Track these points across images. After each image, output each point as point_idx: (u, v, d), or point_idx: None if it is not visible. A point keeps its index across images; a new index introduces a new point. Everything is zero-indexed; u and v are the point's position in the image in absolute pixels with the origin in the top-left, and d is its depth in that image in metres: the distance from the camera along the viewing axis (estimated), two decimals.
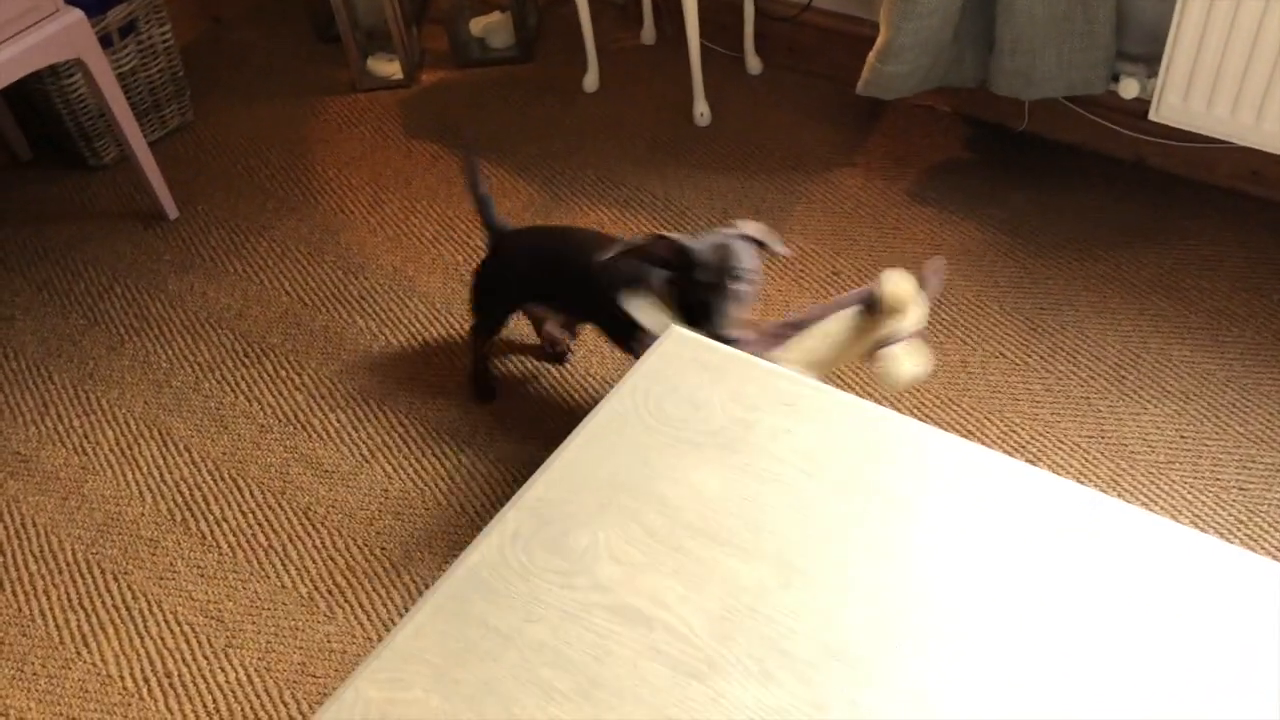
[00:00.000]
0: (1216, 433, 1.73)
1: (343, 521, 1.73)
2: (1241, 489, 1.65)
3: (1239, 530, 1.60)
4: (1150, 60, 2.03)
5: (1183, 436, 1.73)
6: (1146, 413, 1.77)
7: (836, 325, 1.51)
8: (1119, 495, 1.66)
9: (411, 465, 1.81)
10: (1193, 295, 1.96)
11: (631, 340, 1.61)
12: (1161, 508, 1.64)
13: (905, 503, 0.99)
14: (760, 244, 1.53)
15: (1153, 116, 1.98)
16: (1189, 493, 1.66)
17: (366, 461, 1.82)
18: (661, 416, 1.09)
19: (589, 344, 1.99)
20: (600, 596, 0.94)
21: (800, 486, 1.02)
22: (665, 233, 1.54)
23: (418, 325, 2.06)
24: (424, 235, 2.26)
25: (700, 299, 1.48)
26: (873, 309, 1.50)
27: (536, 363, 1.97)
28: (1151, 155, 2.21)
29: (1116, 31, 2.02)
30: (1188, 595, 0.90)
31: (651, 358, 1.15)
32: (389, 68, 2.73)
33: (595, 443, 1.07)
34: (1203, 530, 1.61)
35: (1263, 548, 1.58)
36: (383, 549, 1.69)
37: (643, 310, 1.55)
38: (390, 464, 1.81)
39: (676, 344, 1.16)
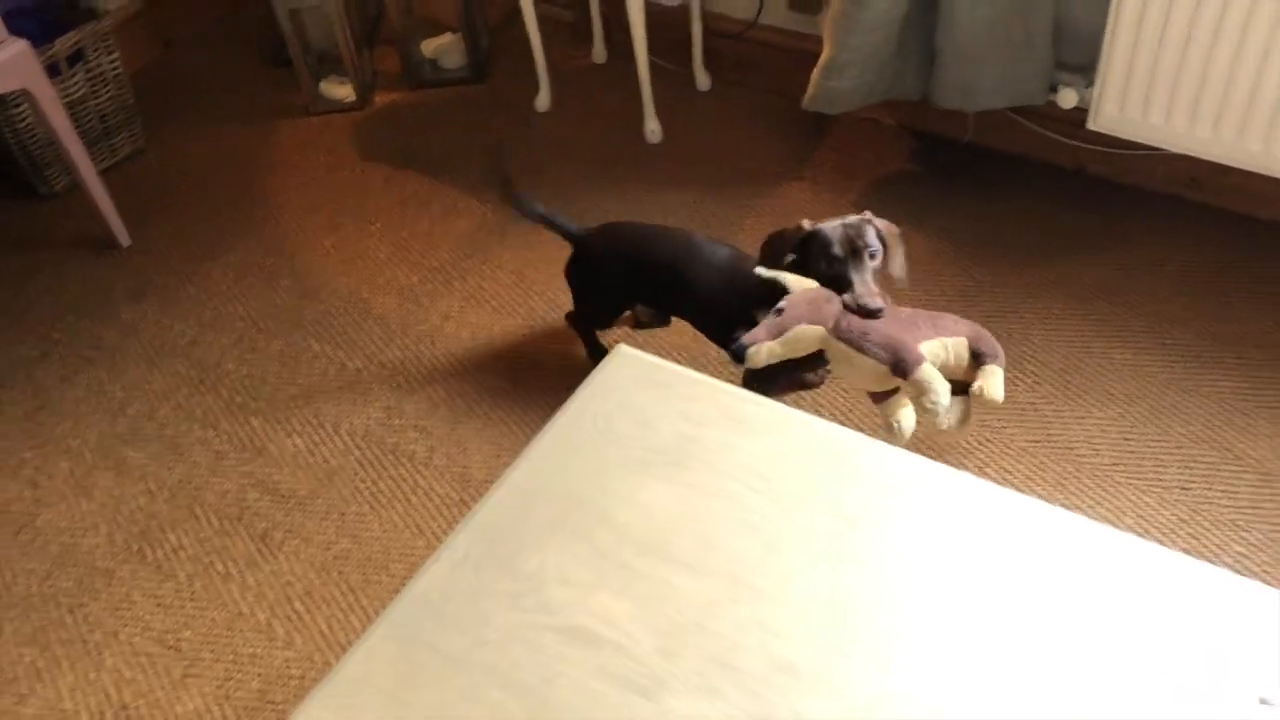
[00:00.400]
0: (1159, 434, 1.77)
1: (300, 546, 1.73)
2: (1184, 489, 1.69)
3: (1181, 529, 1.64)
4: (1088, 70, 2.08)
5: (1126, 439, 1.77)
6: (1091, 416, 1.81)
7: (955, 346, 1.57)
8: (1065, 498, 1.69)
9: (369, 487, 1.81)
10: (1135, 300, 2.00)
11: (730, 339, 1.68)
12: (1107, 509, 1.68)
13: (852, 515, 1.01)
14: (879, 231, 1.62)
15: (1091, 125, 2.02)
16: (1133, 494, 1.69)
17: (323, 485, 1.82)
18: (610, 435, 1.10)
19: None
20: (549, 617, 0.95)
21: (748, 501, 1.03)
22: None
23: (374, 347, 2.06)
24: (378, 257, 2.27)
25: (835, 273, 1.58)
26: (980, 360, 1.56)
27: (496, 384, 1.97)
28: (1093, 163, 2.26)
29: (1054, 43, 2.06)
30: (1130, 600, 0.93)
31: (599, 376, 1.17)
32: (341, 90, 2.74)
33: (544, 463, 1.08)
34: (1146, 530, 1.64)
35: (1205, 546, 1.62)
36: (340, 573, 1.69)
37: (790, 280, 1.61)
38: (347, 487, 1.82)
39: (625, 363, 1.18)
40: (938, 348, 1.54)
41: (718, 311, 1.77)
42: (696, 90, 2.64)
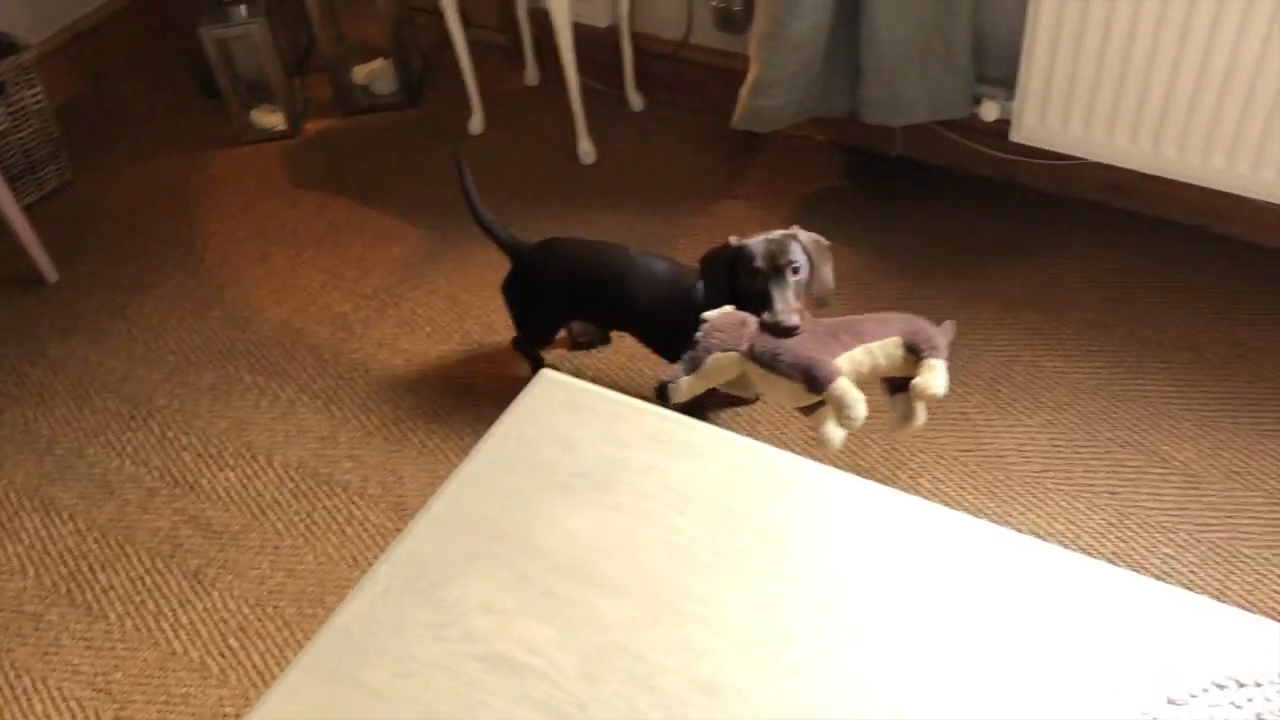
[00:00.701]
0: (1088, 439, 1.80)
1: (234, 582, 1.71)
2: (1112, 493, 1.72)
3: (1110, 533, 1.67)
4: (1009, 83, 2.11)
5: (1055, 445, 1.80)
6: (1021, 424, 1.83)
7: (882, 349, 1.56)
8: (997, 506, 1.72)
9: (303, 520, 1.79)
10: (1062, 308, 2.03)
11: (676, 352, 1.70)
12: (1038, 515, 1.70)
13: (776, 534, 1.02)
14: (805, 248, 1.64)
15: (1013, 137, 2.06)
16: (1063, 499, 1.72)
17: (257, 519, 1.80)
18: (533, 460, 1.10)
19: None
20: (471, 647, 0.94)
21: (670, 522, 1.03)
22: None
23: (306, 376, 2.05)
24: (311, 285, 2.25)
25: (757, 289, 1.59)
26: (916, 353, 1.56)
27: (431, 410, 1.96)
28: (1019, 174, 2.30)
29: (975, 57, 2.10)
30: (1047, 607, 0.94)
31: (522, 402, 1.17)
32: (272, 119, 2.72)
33: (466, 491, 1.08)
34: (1076, 535, 1.67)
35: (1133, 549, 1.64)
36: (275, 607, 1.67)
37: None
38: (281, 520, 1.80)
39: (548, 388, 1.18)
40: (860, 355, 1.54)
41: (660, 324, 1.79)
42: (630, 110, 2.65)
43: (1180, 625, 0.91)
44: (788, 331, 1.54)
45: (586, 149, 2.50)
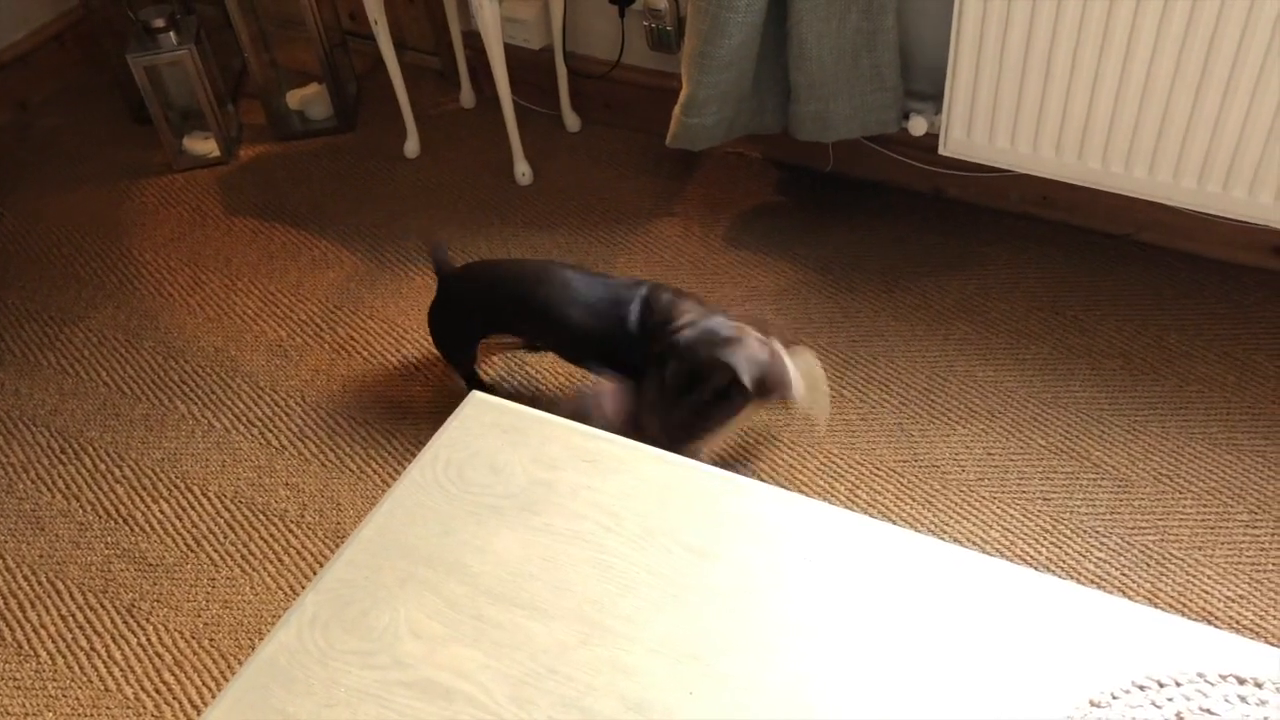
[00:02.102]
0: (1021, 447, 1.82)
1: (168, 615, 1.68)
2: (1045, 499, 1.74)
3: (1044, 538, 1.69)
4: (936, 98, 2.15)
5: (990, 453, 1.82)
6: (955, 433, 1.86)
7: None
8: (933, 515, 1.73)
9: (238, 550, 1.77)
10: (994, 317, 2.06)
11: (599, 365, 1.78)
12: (973, 523, 1.72)
13: (704, 549, 1.02)
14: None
15: (942, 151, 2.09)
16: (998, 507, 1.74)
17: (192, 550, 1.77)
18: (462, 484, 1.09)
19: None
20: (400, 674, 0.94)
21: (600, 541, 1.03)
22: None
23: (241, 405, 2.02)
24: (246, 313, 2.23)
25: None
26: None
27: (369, 435, 1.95)
28: (949, 187, 2.33)
29: (903, 72, 2.13)
30: (974, 614, 0.95)
31: (450, 426, 1.16)
32: (205, 146, 2.69)
33: (395, 517, 1.07)
34: (1011, 542, 1.69)
35: (1067, 554, 1.67)
36: (211, 640, 1.64)
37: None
38: (216, 551, 1.77)
39: (476, 410, 1.18)
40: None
41: (589, 341, 1.79)
42: (566, 131, 2.66)
43: (1101, 627, 0.93)
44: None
45: (523, 170, 2.51)
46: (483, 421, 1.16)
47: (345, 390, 2.03)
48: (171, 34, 2.53)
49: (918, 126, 2.14)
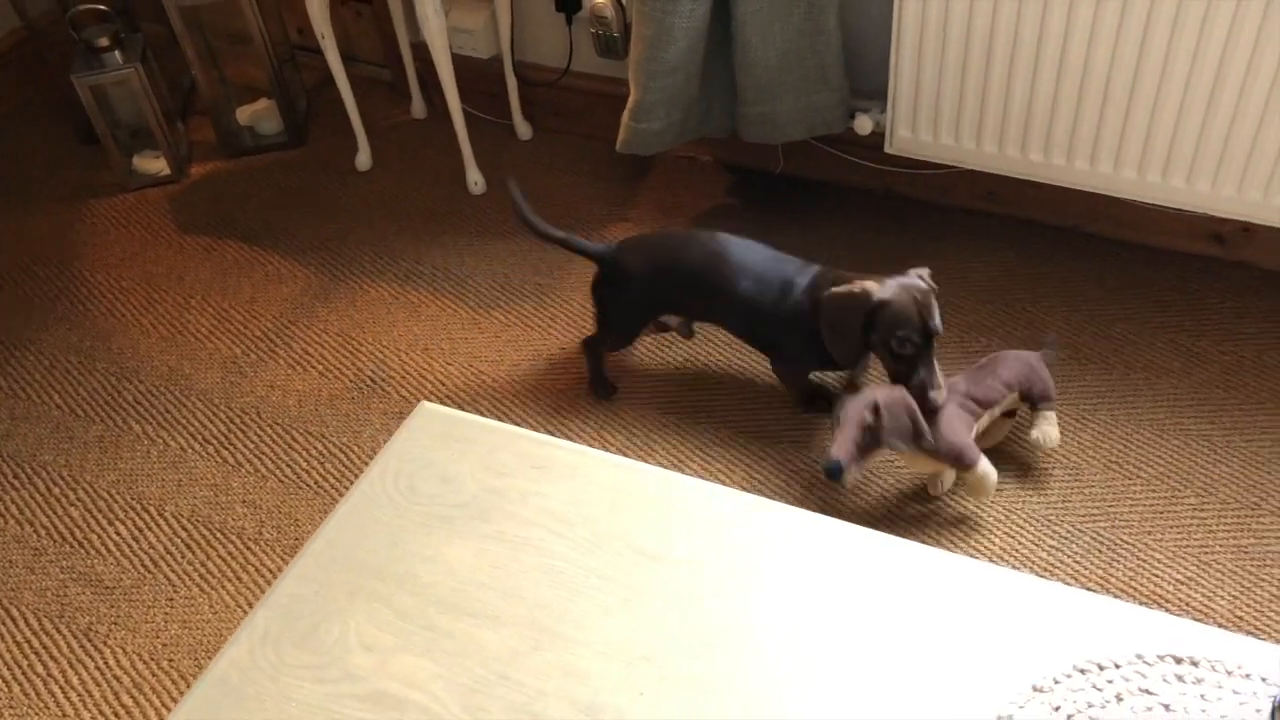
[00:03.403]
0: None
1: (127, 638, 1.67)
2: (998, 490, 1.76)
3: (998, 528, 1.71)
4: (881, 97, 2.17)
5: None
6: None
7: (1001, 407, 1.72)
8: (886, 510, 1.75)
9: (196, 569, 1.76)
10: (944, 313, 2.09)
11: (766, 343, 1.83)
12: (930, 520, 1.74)
13: (654, 551, 1.03)
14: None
15: (888, 149, 2.11)
16: (953, 499, 1.76)
17: (149, 571, 1.76)
18: (412, 495, 1.10)
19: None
20: (352, 686, 0.94)
21: (549, 547, 1.04)
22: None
23: (197, 424, 2.01)
24: (200, 331, 2.21)
25: (907, 356, 1.63)
26: (1032, 403, 1.73)
27: (324, 450, 1.94)
28: (898, 185, 2.36)
29: (848, 73, 2.15)
30: (920, 605, 0.96)
31: (400, 437, 1.17)
32: (156, 165, 2.68)
33: (345, 530, 1.07)
34: (967, 533, 1.71)
35: (1020, 543, 1.69)
36: (170, 661, 1.64)
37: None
38: (174, 571, 1.76)
39: (425, 420, 1.18)
40: (985, 421, 1.70)
41: (754, 314, 1.81)
42: (518, 139, 2.66)
43: (1042, 613, 0.95)
44: (937, 409, 1.62)
45: (476, 179, 2.51)
46: (433, 432, 1.17)
47: (301, 405, 2.03)
48: (116, 53, 2.52)
49: (863, 126, 2.16)
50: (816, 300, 1.73)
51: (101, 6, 2.60)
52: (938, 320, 1.62)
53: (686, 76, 2.10)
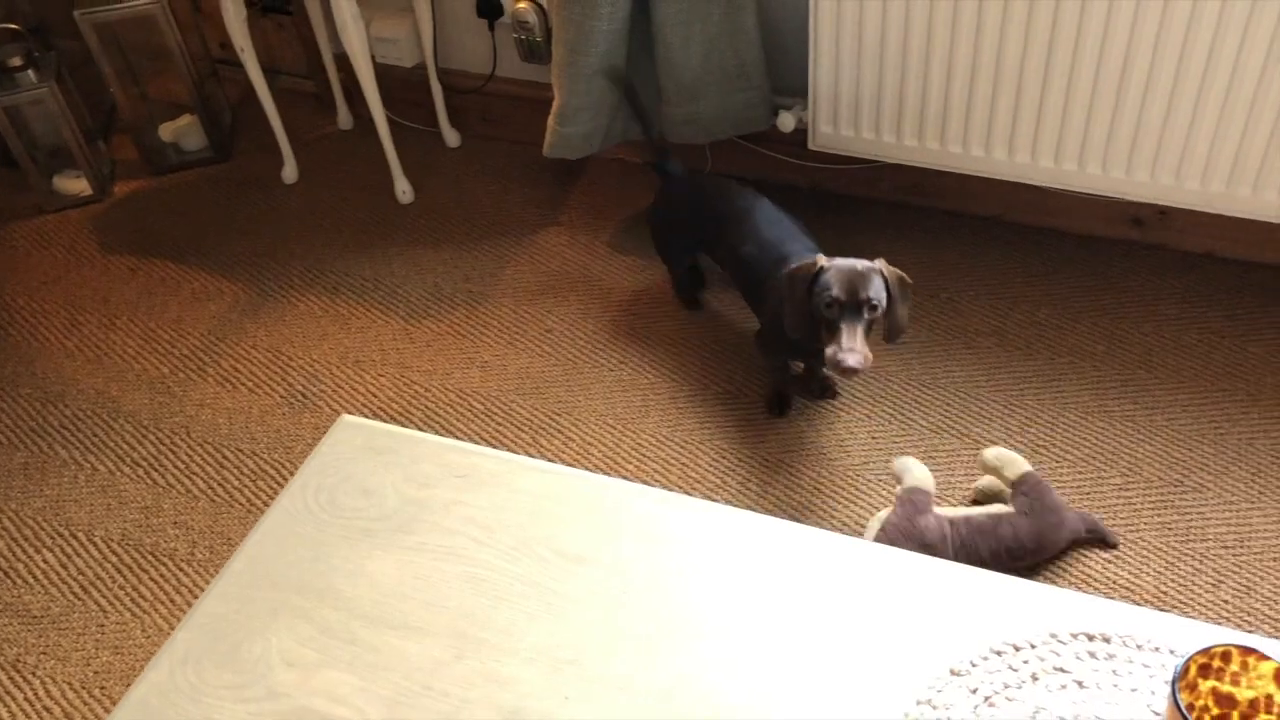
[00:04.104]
0: (903, 429, 1.87)
1: (56, 667, 1.64)
2: None
3: None
4: (802, 95, 2.19)
5: (873, 437, 1.86)
6: (840, 420, 1.90)
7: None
8: (821, 501, 1.77)
9: (127, 594, 1.73)
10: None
11: (759, 306, 1.86)
12: (860, 507, 1.76)
13: (577, 554, 1.03)
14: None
15: (811, 146, 2.13)
16: (883, 489, 1.78)
17: (79, 598, 1.73)
18: (334, 509, 1.09)
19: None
20: (274, 704, 0.93)
21: (473, 556, 1.04)
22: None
23: (125, 446, 1.98)
24: (126, 352, 2.18)
25: (831, 319, 1.64)
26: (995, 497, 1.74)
27: (257, 468, 1.92)
28: (824, 180, 2.38)
29: (769, 71, 2.17)
30: (837, 593, 0.97)
31: (322, 450, 1.16)
32: (77, 185, 2.63)
33: (266, 548, 1.06)
34: None
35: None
36: (102, 688, 1.61)
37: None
38: (104, 596, 1.73)
39: (346, 434, 1.17)
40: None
41: (750, 275, 1.86)
42: (446, 147, 2.65)
43: (958, 598, 0.96)
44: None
45: (404, 188, 2.49)
46: (354, 444, 1.16)
47: (232, 423, 2.00)
48: (30, 72, 2.47)
49: (786, 123, 2.18)
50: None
51: (13, 25, 2.55)
52: (871, 293, 1.62)
53: (610, 79, 2.11)
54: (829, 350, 1.60)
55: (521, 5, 2.34)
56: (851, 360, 1.58)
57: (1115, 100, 1.85)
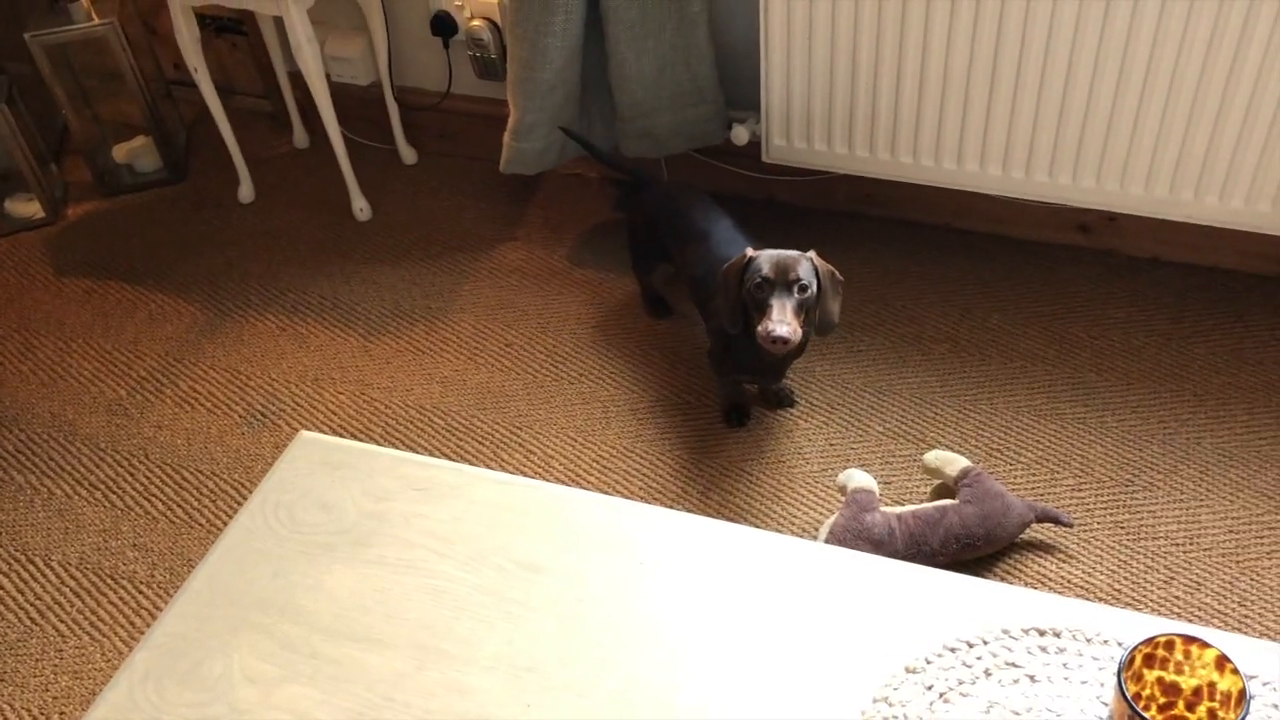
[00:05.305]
0: (860, 435, 1.89)
1: (14, 694, 1.62)
2: (886, 483, 1.81)
3: None
4: (756, 108, 2.22)
5: (831, 444, 1.88)
6: (798, 428, 1.92)
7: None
8: (781, 509, 1.79)
9: (86, 618, 1.72)
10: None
11: (706, 304, 1.88)
12: (820, 513, 1.78)
13: (535, 563, 1.04)
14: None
15: (765, 158, 2.16)
16: (841, 495, 1.80)
17: (36, 624, 1.72)
18: (292, 525, 1.09)
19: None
20: None
21: (432, 567, 1.05)
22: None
23: (82, 469, 1.96)
24: (82, 375, 2.16)
25: (761, 298, 1.65)
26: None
27: (216, 488, 1.91)
28: (779, 192, 2.41)
29: (723, 84, 2.19)
30: (795, 595, 0.99)
31: (281, 466, 1.16)
32: (29, 208, 2.61)
33: (225, 565, 1.06)
34: None
35: None
36: (61, 714, 1.59)
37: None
38: (63, 621, 1.72)
39: (304, 448, 1.18)
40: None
41: (696, 283, 1.90)
42: (403, 165, 2.65)
43: (912, 597, 0.98)
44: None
45: (361, 206, 2.50)
46: (312, 460, 1.16)
47: (190, 443, 1.99)
48: None
49: (740, 136, 2.20)
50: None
51: None
52: (801, 273, 1.65)
53: (565, 95, 2.13)
54: (760, 328, 1.63)
55: (476, 23, 2.36)
56: (781, 330, 1.60)
57: (1060, 108, 1.89)
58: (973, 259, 2.23)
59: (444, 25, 2.43)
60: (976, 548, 1.64)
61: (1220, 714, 0.83)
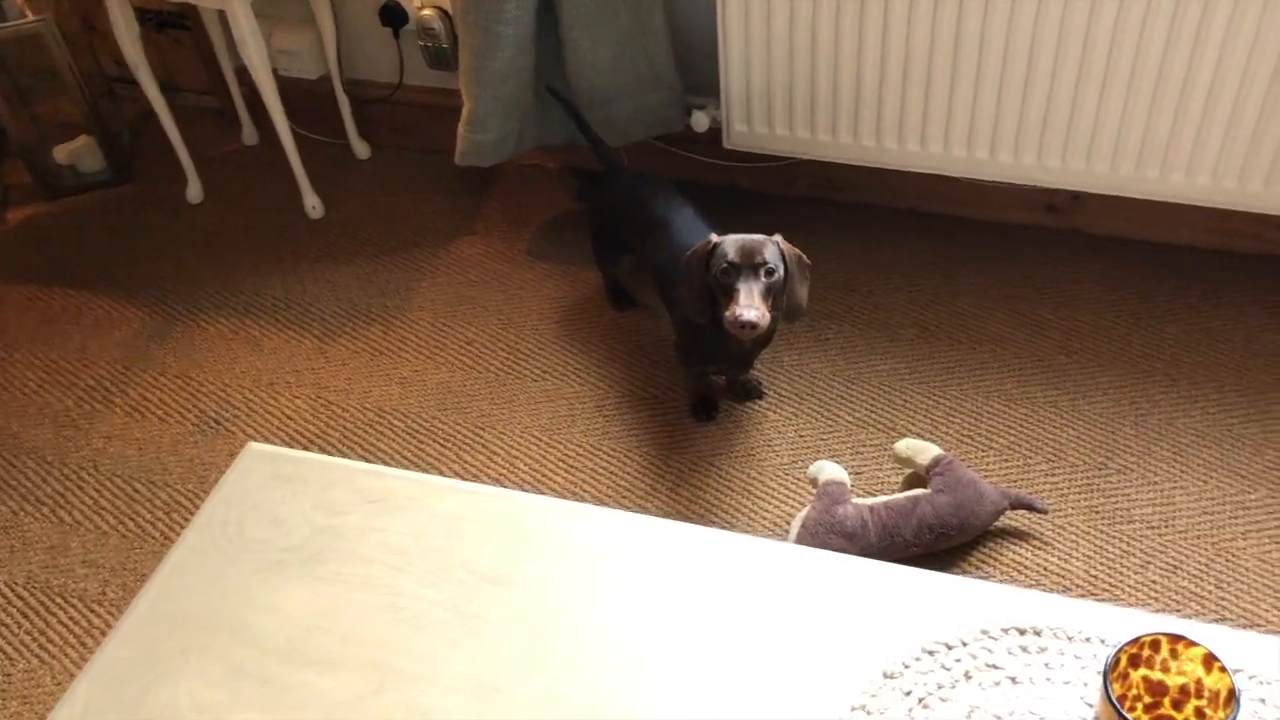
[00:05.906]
0: (829, 425, 1.86)
1: None
2: (857, 473, 1.78)
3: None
4: (715, 94, 2.18)
5: (801, 435, 1.85)
6: (767, 420, 1.88)
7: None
8: (752, 503, 1.75)
9: (34, 639, 1.65)
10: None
11: (669, 294, 1.84)
12: (790, 505, 1.75)
13: (499, 576, 1.00)
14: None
15: (726, 145, 2.12)
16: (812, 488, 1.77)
17: None
18: (242, 542, 1.04)
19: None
20: None
21: (390, 583, 1.00)
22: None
23: (29, 484, 1.90)
24: (26, 385, 2.09)
25: (727, 283, 1.61)
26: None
27: (170, 499, 1.85)
28: (741, 179, 2.37)
29: (682, 71, 2.15)
30: (772, 597, 0.95)
31: (228, 480, 1.11)
32: None
33: (171, 587, 1.01)
34: None
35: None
36: None
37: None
38: (9, 643, 1.65)
39: (253, 461, 1.12)
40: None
41: (659, 277, 1.86)
42: (355, 159, 2.59)
43: (889, 598, 0.94)
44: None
45: (313, 203, 2.43)
46: (261, 473, 1.11)
47: (142, 454, 1.93)
48: None
49: (700, 123, 2.16)
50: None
51: None
52: (767, 257, 1.61)
53: (519, 84, 2.07)
54: (727, 313, 1.59)
55: (426, 12, 2.30)
56: (749, 314, 1.56)
57: (1024, 87, 1.86)
58: (938, 242, 2.21)
59: (394, 15, 2.37)
60: (950, 537, 1.62)
61: (1208, 712, 0.80)
